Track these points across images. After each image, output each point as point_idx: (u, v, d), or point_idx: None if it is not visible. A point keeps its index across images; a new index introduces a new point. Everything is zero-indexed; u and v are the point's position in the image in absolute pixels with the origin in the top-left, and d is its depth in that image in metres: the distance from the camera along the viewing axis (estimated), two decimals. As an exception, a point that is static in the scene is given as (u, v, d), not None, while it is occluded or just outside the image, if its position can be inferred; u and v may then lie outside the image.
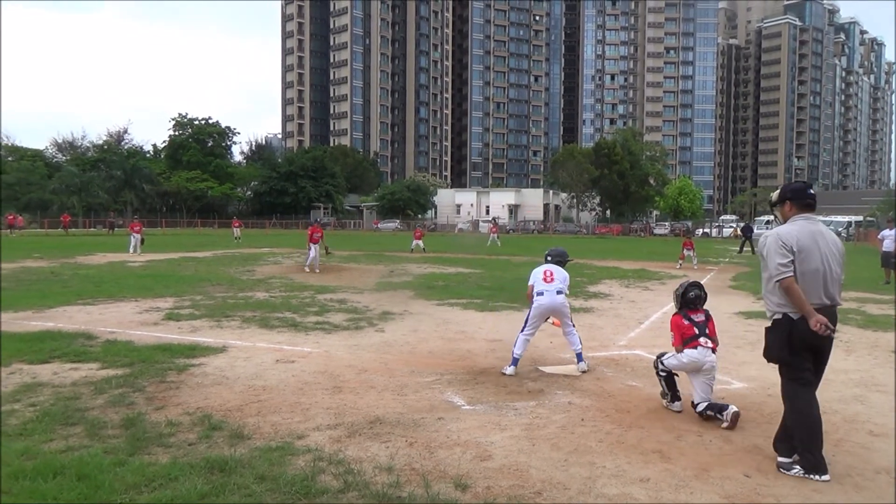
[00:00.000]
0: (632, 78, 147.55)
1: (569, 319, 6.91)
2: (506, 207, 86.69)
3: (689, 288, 5.54)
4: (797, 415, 4.14)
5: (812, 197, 4.25)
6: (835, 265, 4.12)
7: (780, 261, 4.02)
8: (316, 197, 79.46)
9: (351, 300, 12.33)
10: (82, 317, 9.95)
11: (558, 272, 6.88)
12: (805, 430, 4.08)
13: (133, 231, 26.90)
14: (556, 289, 6.73)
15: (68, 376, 6.22)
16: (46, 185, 63.60)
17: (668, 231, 68.26)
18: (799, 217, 4.20)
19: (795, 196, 4.24)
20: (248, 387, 5.98)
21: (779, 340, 4.13)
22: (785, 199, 4.28)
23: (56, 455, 4.11)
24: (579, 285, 15.48)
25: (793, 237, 4.07)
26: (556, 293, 6.72)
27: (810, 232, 4.10)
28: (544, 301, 6.71)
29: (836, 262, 4.14)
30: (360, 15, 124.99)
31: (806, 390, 4.15)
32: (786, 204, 4.27)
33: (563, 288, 6.81)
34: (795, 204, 4.23)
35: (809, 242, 4.06)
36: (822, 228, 4.19)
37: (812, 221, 4.18)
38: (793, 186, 4.32)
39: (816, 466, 4.00)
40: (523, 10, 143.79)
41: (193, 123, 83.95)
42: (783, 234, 4.11)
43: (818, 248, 4.06)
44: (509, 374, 6.57)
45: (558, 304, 6.75)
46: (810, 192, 4.26)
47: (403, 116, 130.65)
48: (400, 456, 4.27)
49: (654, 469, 4.14)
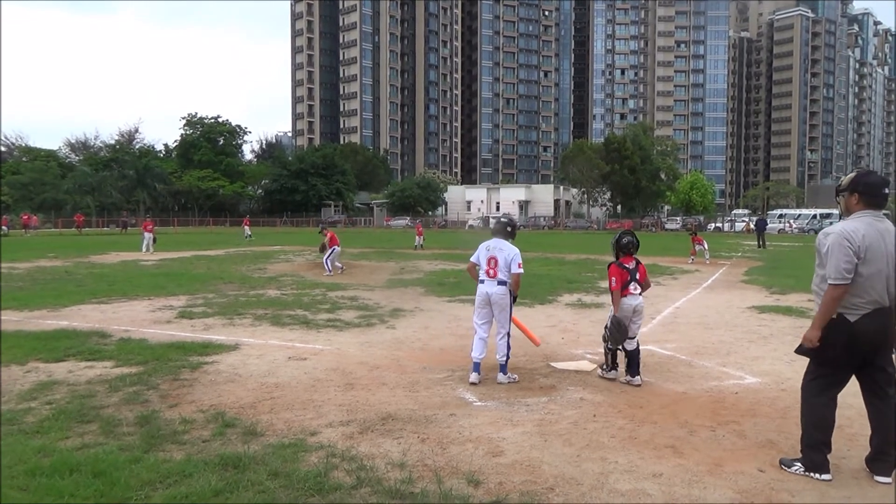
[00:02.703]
0: (642, 72, 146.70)
1: (506, 317, 6.17)
2: (516, 203, 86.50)
3: (622, 235, 6.31)
4: (811, 413, 4.02)
5: (885, 196, 3.96)
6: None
7: (843, 265, 3.73)
8: (326, 195, 79.73)
9: (362, 297, 12.36)
10: (96, 315, 10.04)
11: (503, 257, 6.10)
12: (817, 431, 3.99)
13: (146, 230, 27.06)
14: (498, 279, 6.11)
15: (83, 374, 6.27)
16: (60, 185, 64.25)
17: (679, 226, 67.91)
18: (866, 213, 3.88)
19: (867, 191, 3.88)
20: (261, 384, 6.01)
21: (837, 341, 3.84)
22: (855, 190, 3.91)
23: (72, 452, 4.15)
24: (590, 281, 15.44)
25: (859, 235, 3.77)
26: (496, 283, 6.11)
27: (878, 231, 3.82)
28: (482, 289, 6.19)
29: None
30: (369, 13, 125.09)
31: (833, 390, 3.98)
32: (854, 196, 3.91)
33: (506, 278, 6.10)
34: (865, 199, 3.89)
35: (876, 242, 3.80)
36: (890, 227, 3.90)
37: (880, 219, 3.88)
38: (868, 180, 3.94)
39: (819, 466, 3.92)
40: (533, 6, 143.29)
41: (204, 122, 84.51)
42: (850, 231, 3.80)
43: (884, 249, 3.80)
44: (472, 381, 6.02)
45: (497, 296, 6.12)
46: (884, 192, 3.94)
47: (413, 113, 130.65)
48: (412, 452, 4.28)
49: (667, 464, 4.13)
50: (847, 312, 3.81)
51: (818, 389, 4.01)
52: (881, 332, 3.83)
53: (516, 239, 6.53)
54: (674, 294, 13.28)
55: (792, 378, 6.31)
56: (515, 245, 6.31)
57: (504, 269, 6.10)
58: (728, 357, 7.19)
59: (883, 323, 3.81)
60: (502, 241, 6.27)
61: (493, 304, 6.16)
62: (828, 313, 3.83)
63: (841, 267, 3.74)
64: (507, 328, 6.19)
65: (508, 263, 6.10)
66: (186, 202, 78.70)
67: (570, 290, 13.67)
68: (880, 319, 3.80)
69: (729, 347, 7.89)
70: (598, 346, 8.04)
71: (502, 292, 6.13)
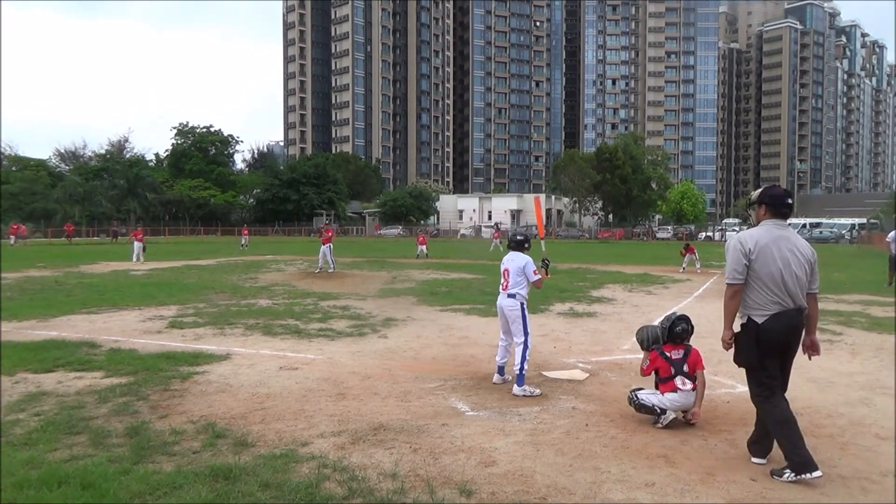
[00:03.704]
0: (633, 82, 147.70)
1: (519, 328, 6.27)
2: (508, 213, 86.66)
3: (676, 321, 5.33)
4: (774, 423, 4.14)
5: (789, 206, 4.26)
6: (798, 270, 4.10)
7: (734, 266, 4.14)
8: (318, 204, 79.55)
9: (354, 307, 12.33)
10: (86, 325, 9.97)
11: (514, 267, 6.34)
12: (786, 436, 4.07)
13: (136, 239, 26.95)
14: (508, 292, 6.33)
15: (72, 385, 6.22)
16: (50, 195, 63.79)
17: (670, 235, 68.15)
18: (769, 222, 4.22)
19: (772, 202, 4.22)
20: (252, 394, 5.98)
21: (747, 344, 4.17)
22: (762, 202, 4.26)
23: (60, 464, 4.11)
24: (582, 290, 15.47)
25: (753, 239, 4.13)
26: (506, 296, 6.34)
27: (774, 236, 4.13)
28: (497, 302, 6.50)
29: (800, 267, 4.12)
30: (362, 22, 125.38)
31: (775, 396, 4.17)
32: (762, 207, 4.27)
33: (518, 290, 6.29)
34: (770, 210, 4.23)
35: (769, 246, 4.10)
36: (790, 234, 4.20)
37: (780, 227, 4.19)
38: (772, 192, 4.28)
39: (806, 464, 3.98)
40: (524, 16, 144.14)
41: (195, 132, 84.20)
42: (745, 236, 4.19)
43: (777, 252, 4.08)
44: (494, 381, 6.46)
45: (506, 308, 6.35)
46: (788, 202, 4.25)
47: (405, 123, 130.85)
48: (404, 462, 4.26)
49: (660, 474, 4.13)
50: (754, 314, 4.12)
51: (764, 395, 4.20)
52: (790, 331, 4.12)
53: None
54: (665, 303, 13.32)
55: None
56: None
57: (515, 278, 6.31)
58: (719, 366, 7.21)
59: (790, 323, 4.10)
60: (516, 252, 6.48)
61: (507, 316, 6.35)
62: (729, 312, 4.19)
63: (732, 268, 4.15)
64: (522, 339, 6.25)
65: (521, 271, 6.31)
66: (177, 212, 78.30)
67: (562, 299, 13.69)
68: (786, 320, 4.08)
69: (720, 356, 7.87)
70: (591, 355, 8.06)
71: (511, 305, 6.29)
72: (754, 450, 4.37)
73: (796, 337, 4.18)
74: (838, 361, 7.68)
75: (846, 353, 8.21)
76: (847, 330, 9.92)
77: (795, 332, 4.17)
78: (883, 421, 5.32)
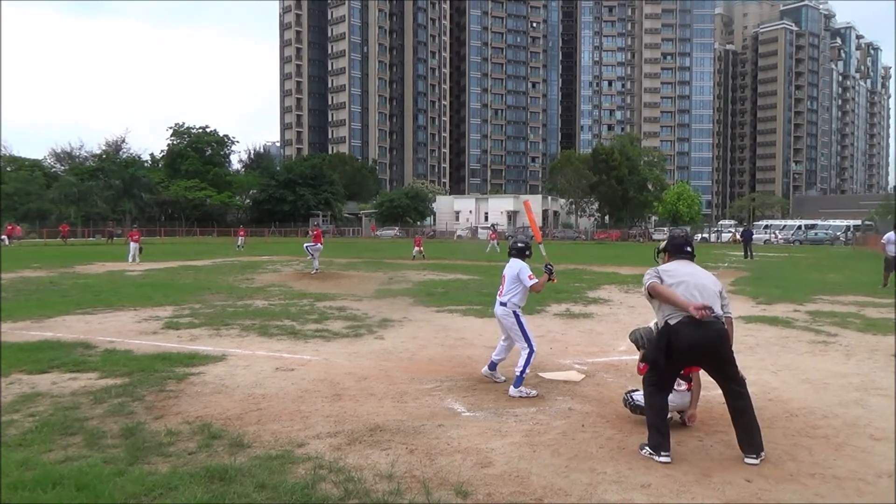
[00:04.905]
0: (629, 84, 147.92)
1: (516, 334, 6.29)
2: (504, 214, 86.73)
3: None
4: (652, 412, 4.53)
5: (688, 254, 4.90)
6: (706, 282, 4.62)
7: (646, 278, 4.70)
8: (315, 204, 79.47)
9: (350, 307, 12.32)
10: (81, 326, 9.94)
11: (510, 275, 6.35)
12: (656, 418, 4.48)
13: (132, 240, 26.89)
14: (500, 300, 6.37)
15: (67, 386, 6.20)
16: (45, 195, 63.60)
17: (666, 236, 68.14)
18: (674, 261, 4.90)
19: (674, 250, 4.95)
20: (248, 395, 5.97)
21: (657, 345, 4.57)
22: (666, 250, 5.01)
23: (55, 465, 4.10)
24: (578, 291, 15.48)
25: (664, 266, 4.80)
26: (499, 304, 6.38)
27: (679, 263, 4.79)
28: (494, 310, 6.55)
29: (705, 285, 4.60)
30: (358, 23, 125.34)
31: (661, 396, 4.58)
32: (665, 254, 5.00)
33: (510, 298, 6.29)
34: (673, 255, 4.92)
35: (676, 267, 4.73)
36: (695, 268, 4.78)
37: (683, 263, 4.80)
38: (674, 242, 5.04)
39: (661, 445, 4.35)
40: (521, 18, 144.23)
41: (191, 132, 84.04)
42: (659, 267, 4.83)
43: (686, 269, 4.69)
44: (483, 373, 6.64)
45: (499, 316, 6.41)
46: (687, 249, 4.92)
47: (402, 124, 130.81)
48: (400, 463, 4.26)
49: (656, 475, 4.13)
50: (669, 318, 4.49)
51: (650, 394, 4.59)
52: (700, 340, 4.39)
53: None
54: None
55: (778, 388, 6.36)
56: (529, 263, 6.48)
57: (510, 285, 6.34)
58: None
59: (699, 333, 4.36)
60: (515, 259, 6.46)
61: (502, 324, 6.44)
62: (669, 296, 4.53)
63: (645, 279, 4.72)
64: (525, 346, 6.23)
65: (515, 279, 6.32)
66: (173, 212, 78.12)
67: (559, 300, 13.69)
68: (695, 329, 4.36)
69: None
70: (587, 356, 8.07)
71: (503, 312, 6.34)
72: (746, 448, 4.42)
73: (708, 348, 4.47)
74: (833, 363, 7.70)
75: (841, 354, 8.23)
76: (842, 331, 9.95)
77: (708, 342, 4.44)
78: (878, 422, 5.33)
